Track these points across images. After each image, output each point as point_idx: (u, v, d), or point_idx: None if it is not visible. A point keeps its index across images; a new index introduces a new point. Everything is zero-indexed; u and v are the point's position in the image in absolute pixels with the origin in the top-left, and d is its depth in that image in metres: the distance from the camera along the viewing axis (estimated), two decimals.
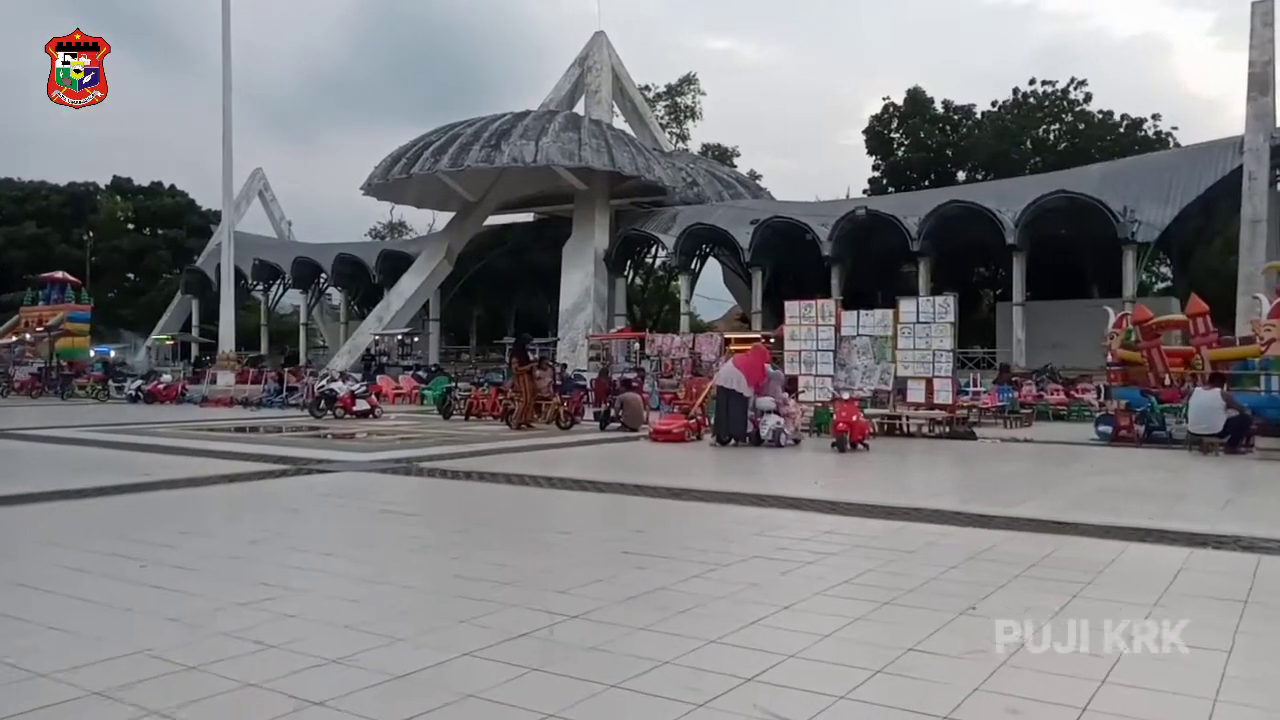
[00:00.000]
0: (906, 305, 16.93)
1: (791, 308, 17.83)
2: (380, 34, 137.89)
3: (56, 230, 68.92)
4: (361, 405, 20.04)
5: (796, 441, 14.04)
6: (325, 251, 52.03)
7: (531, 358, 18.53)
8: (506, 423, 17.42)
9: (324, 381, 20.49)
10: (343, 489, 9.22)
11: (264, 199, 61.83)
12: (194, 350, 52.72)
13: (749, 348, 17.62)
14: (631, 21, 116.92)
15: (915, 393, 16.55)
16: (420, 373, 32.87)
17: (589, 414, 19.28)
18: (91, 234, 68.77)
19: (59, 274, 49.56)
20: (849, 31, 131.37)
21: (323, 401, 19.86)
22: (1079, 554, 5.94)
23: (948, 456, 13.54)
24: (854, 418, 13.03)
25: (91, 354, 42.33)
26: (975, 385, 23.44)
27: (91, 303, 50.52)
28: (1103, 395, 20.83)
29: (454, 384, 22.54)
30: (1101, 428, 15.73)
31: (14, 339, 45.66)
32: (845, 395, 13.58)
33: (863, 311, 17.27)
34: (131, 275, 72.40)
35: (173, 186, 76.37)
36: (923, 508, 7.76)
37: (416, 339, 41.11)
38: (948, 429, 16.34)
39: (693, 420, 15.14)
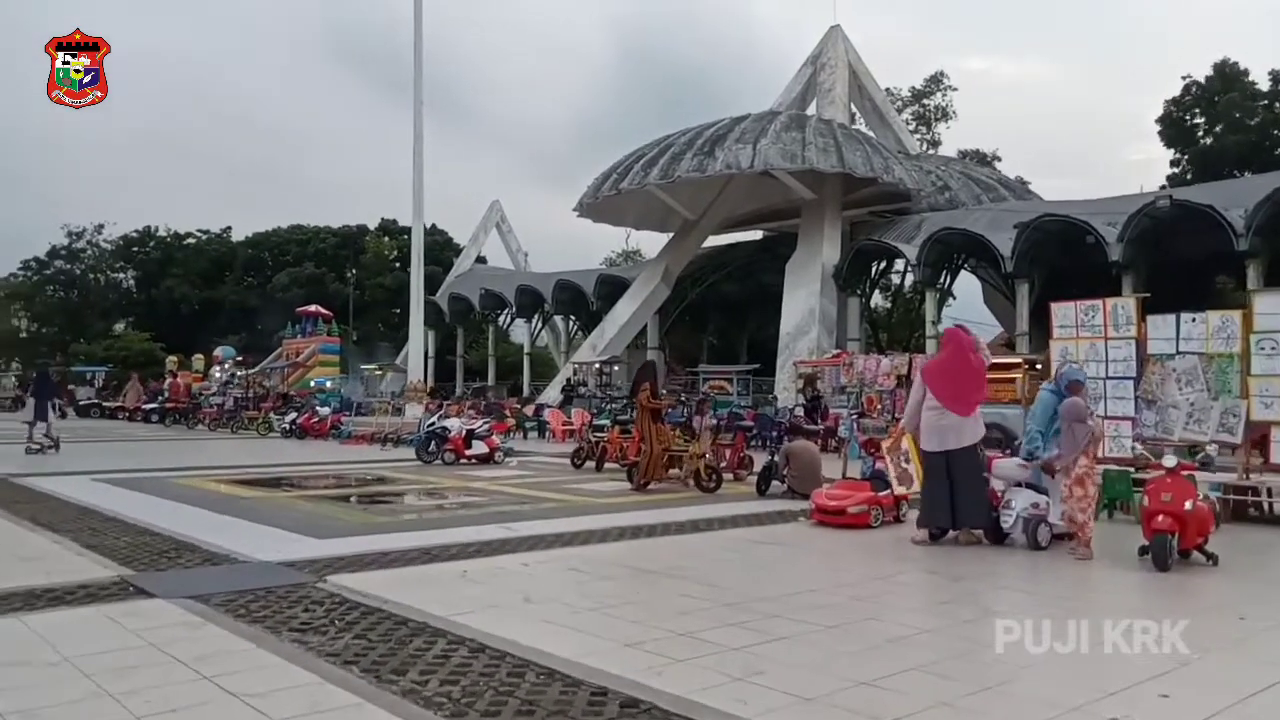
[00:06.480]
0: (1266, 302, 10.26)
1: (1063, 312, 11.42)
2: (638, 77, 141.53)
3: (331, 270, 73.42)
4: (479, 448, 15.71)
5: (1077, 537, 7.77)
6: (547, 280, 50.38)
7: (679, 395, 13.35)
8: (630, 478, 12.36)
9: (434, 418, 16.26)
10: None
11: (501, 230, 61.60)
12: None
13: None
14: (881, 47, 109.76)
15: None
16: (610, 404, 28.58)
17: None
18: (355, 271, 72.36)
19: (312, 307, 51.32)
20: (1115, 43, 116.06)
21: (432, 443, 15.66)
22: None
23: None
24: (1186, 505, 6.79)
25: (312, 384, 42.05)
26: None
27: (353, 334, 51.62)
28: None
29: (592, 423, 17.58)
30: None
31: (254, 370, 46.69)
32: (1169, 460, 7.22)
33: (1187, 316, 10.67)
34: (396, 310, 75.37)
35: (434, 225, 78.87)
36: None
37: (616, 367, 36.99)
38: None
39: (886, 494, 9.06)
